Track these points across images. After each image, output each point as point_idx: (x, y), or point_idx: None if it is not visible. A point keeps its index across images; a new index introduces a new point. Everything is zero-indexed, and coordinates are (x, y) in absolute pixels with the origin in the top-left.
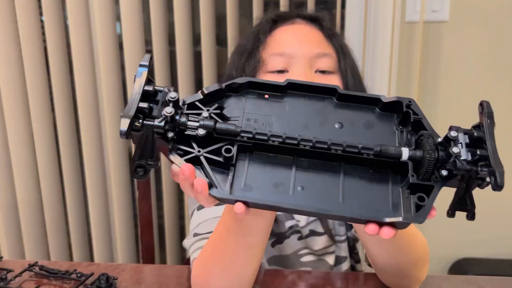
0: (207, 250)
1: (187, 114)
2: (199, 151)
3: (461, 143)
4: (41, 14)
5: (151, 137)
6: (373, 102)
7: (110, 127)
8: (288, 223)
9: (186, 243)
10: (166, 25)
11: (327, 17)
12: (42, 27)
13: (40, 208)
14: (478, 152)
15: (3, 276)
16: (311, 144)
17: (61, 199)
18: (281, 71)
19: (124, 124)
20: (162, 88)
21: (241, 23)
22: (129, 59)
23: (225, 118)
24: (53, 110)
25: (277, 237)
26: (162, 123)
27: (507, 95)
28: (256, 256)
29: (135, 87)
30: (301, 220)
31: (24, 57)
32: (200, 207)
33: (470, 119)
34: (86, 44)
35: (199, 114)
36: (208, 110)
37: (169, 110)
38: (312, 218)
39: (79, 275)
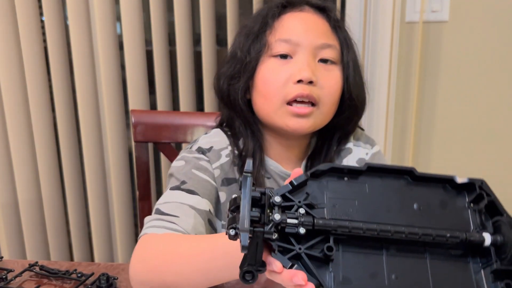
0: (172, 257)
1: (284, 210)
2: (299, 248)
3: None
4: (41, 14)
5: (261, 243)
6: (446, 181)
7: (110, 127)
8: None
9: (146, 218)
10: (166, 25)
11: (335, 8)
12: (43, 27)
13: (41, 208)
14: None
15: (4, 276)
16: (403, 235)
17: (62, 199)
18: (284, 56)
19: (245, 239)
20: (264, 191)
21: (241, 23)
22: (129, 59)
23: (313, 207)
24: (53, 110)
25: None
26: (272, 229)
27: (507, 95)
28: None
29: (245, 196)
30: None
31: (25, 57)
32: (174, 188)
33: (469, 119)
34: (86, 44)
35: (291, 207)
36: (299, 202)
37: (277, 217)
38: None
39: (79, 275)
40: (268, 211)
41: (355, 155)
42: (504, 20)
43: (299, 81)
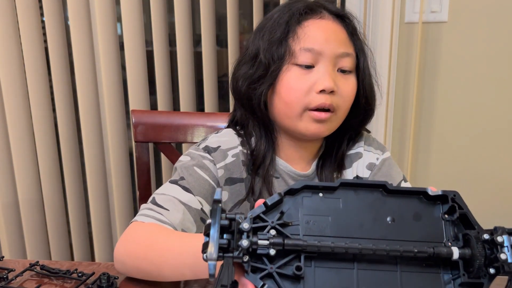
0: (155, 252)
1: (256, 232)
2: (271, 268)
3: (507, 246)
4: (42, 14)
5: (231, 267)
6: (420, 193)
7: (111, 127)
8: None
9: (142, 206)
10: (166, 25)
11: (352, 15)
12: (43, 27)
13: (41, 208)
14: None
15: (4, 276)
16: (371, 252)
17: (62, 199)
18: (308, 67)
19: (212, 267)
20: (234, 216)
21: (241, 24)
22: (130, 60)
23: (287, 225)
24: (54, 110)
25: None
26: (241, 254)
27: (505, 95)
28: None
29: (214, 225)
30: None
31: (25, 57)
32: (173, 181)
33: (468, 119)
34: (87, 45)
35: (265, 227)
36: (272, 222)
37: (245, 243)
38: None
39: (80, 274)
40: (238, 236)
41: (365, 160)
42: (503, 21)
43: (322, 91)
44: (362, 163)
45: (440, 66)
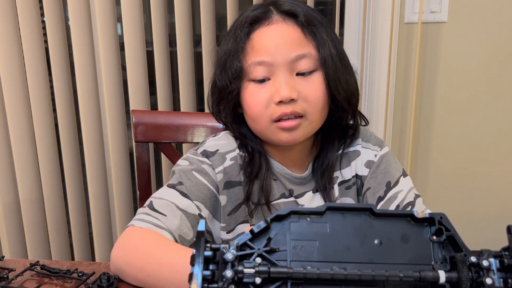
0: (151, 263)
1: (242, 260)
2: None
3: (493, 270)
4: (42, 15)
5: None
6: (407, 216)
7: (111, 127)
8: None
9: (139, 210)
10: (166, 26)
11: (303, 8)
12: (44, 28)
13: (42, 208)
14: (510, 281)
15: (5, 276)
16: (357, 278)
17: (63, 199)
18: (262, 80)
19: None
20: (218, 247)
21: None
22: (130, 60)
23: (274, 251)
24: (54, 110)
25: None
26: (226, 285)
27: (505, 95)
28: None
29: (198, 257)
30: None
31: (26, 58)
32: (170, 186)
33: (467, 118)
34: (87, 45)
35: (251, 255)
36: (259, 249)
37: (229, 274)
38: None
39: (80, 274)
40: (223, 266)
41: (363, 157)
42: (502, 21)
43: (280, 102)
44: (360, 161)
45: (439, 66)
